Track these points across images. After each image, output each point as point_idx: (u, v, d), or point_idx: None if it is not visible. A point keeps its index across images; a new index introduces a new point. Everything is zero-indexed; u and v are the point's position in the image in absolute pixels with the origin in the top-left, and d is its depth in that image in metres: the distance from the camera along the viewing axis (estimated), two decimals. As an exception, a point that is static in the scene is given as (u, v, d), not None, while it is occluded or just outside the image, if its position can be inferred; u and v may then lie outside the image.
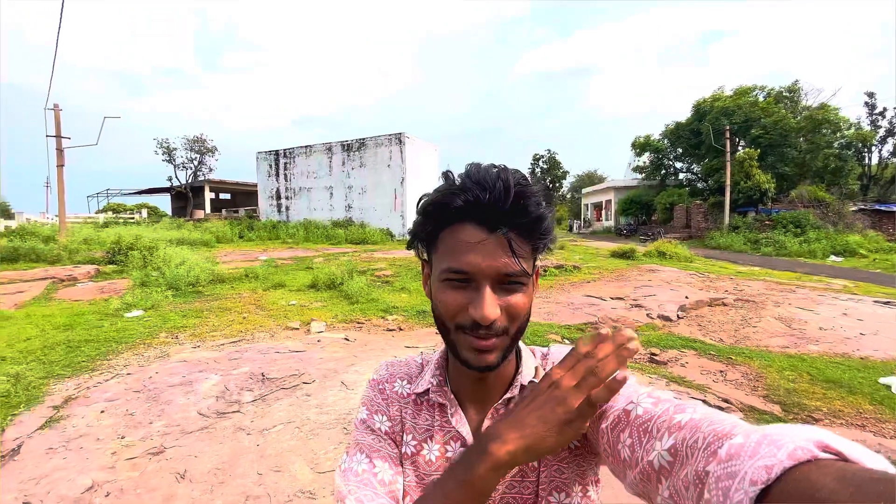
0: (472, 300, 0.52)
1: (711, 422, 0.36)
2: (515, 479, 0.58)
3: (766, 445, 0.29)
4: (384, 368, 0.69)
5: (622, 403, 0.48)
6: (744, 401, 3.55)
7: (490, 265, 0.51)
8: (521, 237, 0.52)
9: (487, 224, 0.51)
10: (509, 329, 0.54)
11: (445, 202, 0.53)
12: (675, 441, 0.38)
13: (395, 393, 0.66)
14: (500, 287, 0.52)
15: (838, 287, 9.43)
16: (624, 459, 0.44)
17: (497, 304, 0.52)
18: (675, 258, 13.39)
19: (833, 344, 5.11)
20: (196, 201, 32.27)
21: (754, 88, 24.67)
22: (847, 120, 22.98)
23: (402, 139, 18.40)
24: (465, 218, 0.53)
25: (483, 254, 0.51)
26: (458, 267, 0.52)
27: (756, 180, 20.42)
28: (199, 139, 31.01)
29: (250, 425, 3.03)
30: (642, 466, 0.40)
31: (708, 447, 0.33)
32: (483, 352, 0.53)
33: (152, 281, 7.92)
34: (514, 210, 0.51)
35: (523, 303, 0.54)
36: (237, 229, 18.72)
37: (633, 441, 0.43)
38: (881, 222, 21.16)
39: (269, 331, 5.42)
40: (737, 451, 0.30)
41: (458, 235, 0.53)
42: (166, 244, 11.04)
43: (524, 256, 0.53)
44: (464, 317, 0.53)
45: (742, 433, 0.32)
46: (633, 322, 6.05)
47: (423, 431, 0.62)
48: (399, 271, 9.67)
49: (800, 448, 0.27)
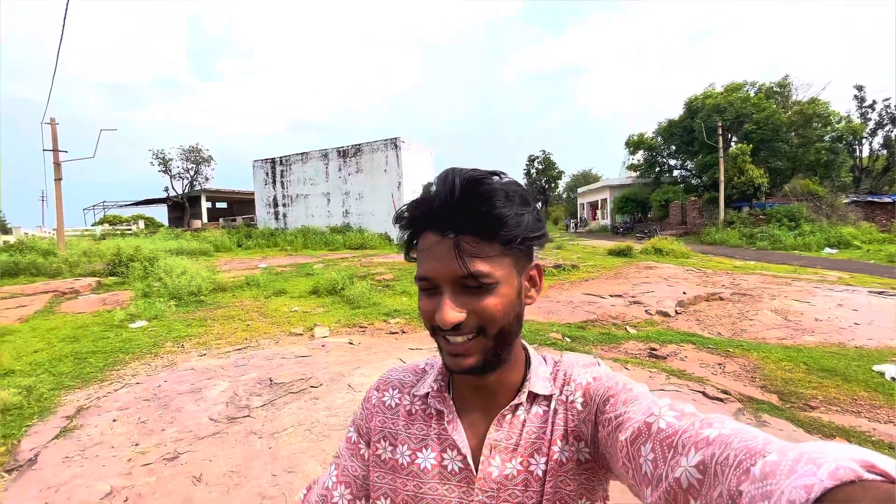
0: (436, 305, 0.52)
1: (742, 438, 0.35)
2: (518, 487, 0.56)
3: (805, 464, 0.27)
4: (375, 385, 0.69)
5: (642, 416, 0.45)
6: (742, 391, 3.63)
7: (445, 270, 0.51)
8: (480, 237, 0.50)
9: (439, 228, 0.52)
10: (486, 330, 0.52)
11: (408, 216, 0.55)
12: (703, 457, 0.36)
13: (381, 403, 0.66)
14: (464, 290, 0.52)
15: (833, 279, 9.55)
16: (645, 474, 0.41)
17: (457, 309, 0.51)
18: (671, 255, 13.51)
19: (828, 334, 5.22)
20: (192, 211, 32.28)
21: (745, 84, 24.92)
22: (837, 113, 23.24)
23: (397, 144, 18.51)
24: (426, 226, 0.53)
25: (438, 259, 0.51)
26: (422, 274, 0.53)
27: (749, 175, 20.62)
28: (194, 149, 31.05)
29: (261, 429, 3.09)
30: (668, 484, 0.38)
31: (739, 465, 0.32)
32: (457, 355, 0.53)
33: (154, 291, 7.97)
34: (465, 211, 0.50)
35: (494, 304, 0.52)
36: (235, 238, 18.75)
37: (657, 456, 0.41)
38: (874, 213, 21.38)
39: (273, 337, 5.48)
40: (772, 470, 0.29)
41: (422, 244, 0.54)
42: (166, 255, 11.08)
43: (485, 257, 0.51)
44: (436, 321, 0.53)
45: (777, 450, 0.30)
46: (633, 318, 6.14)
47: (419, 441, 0.61)
48: (399, 275, 9.75)
49: (842, 467, 0.25)
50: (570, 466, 0.55)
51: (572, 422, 0.56)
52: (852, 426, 3.02)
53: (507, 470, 0.56)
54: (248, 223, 24.19)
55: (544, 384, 0.60)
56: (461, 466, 0.58)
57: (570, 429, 0.56)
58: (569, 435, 0.56)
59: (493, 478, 0.56)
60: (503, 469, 0.56)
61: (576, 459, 0.55)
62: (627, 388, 0.53)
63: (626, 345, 4.99)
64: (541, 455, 0.56)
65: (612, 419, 0.50)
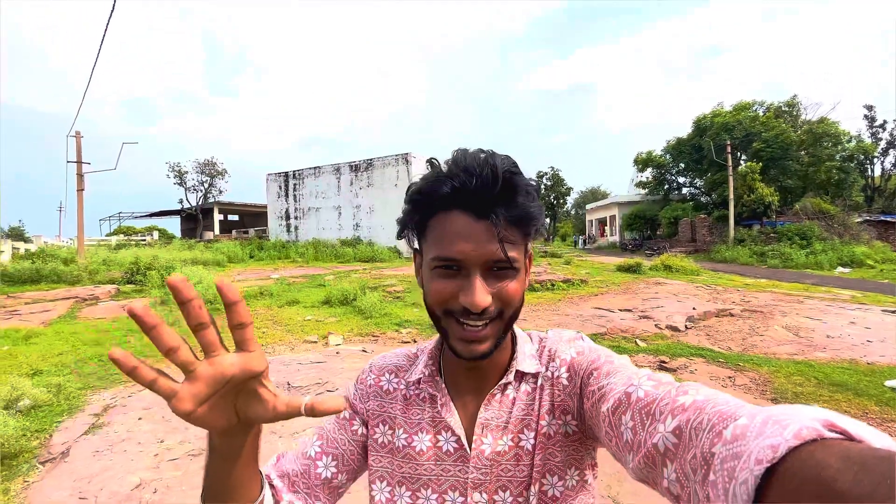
0: (462, 288, 0.52)
1: (715, 403, 0.36)
2: (510, 462, 0.58)
3: (772, 425, 0.28)
4: (369, 367, 0.70)
5: (622, 386, 0.47)
6: (752, 403, 3.66)
7: (479, 252, 0.51)
8: (510, 224, 0.51)
9: (475, 211, 0.51)
10: (504, 313, 0.54)
11: (432, 190, 0.53)
12: (678, 423, 0.37)
13: (379, 387, 0.66)
14: (491, 274, 0.52)
15: (846, 297, 9.49)
16: (627, 441, 0.43)
17: (488, 292, 0.51)
18: (681, 271, 13.48)
19: (840, 350, 5.21)
20: (205, 223, 32.89)
21: (753, 104, 25.11)
22: (847, 133, 23.27)
23: (408, 159, 18.87)
24: (452, 205, 0.52)
25: (472, 241, 0.51)
26: (448, 255, 0.52)
27: (759, 193, 20.60)
28: (209, 162, 31.84)
29: (281, 429, 3.20)
30: (647, 449, 0.40)
31: (713, 428, 0.33)
32: (472, 342, 0.53)
33: (170, 299, 8.16)
34: (503, 197, 0.51)
35: (515, 289, 0.53)
36: (248, 249, 19.07)
37: (636, 423, 0.42)
38: (887, 233, 21.16)
39: (288, 344, 5.61)
40: (742, 432, 0.30)
41: (447, 223, 0.52)
42: (182, 264, 11.35)
43: (514, 243, 0.52)
44: (454, 304, 0.52)
45: (747, 414, 0.32)
46: (643, 332, 6.18)
47: (414, 425, 0.62)
48: (409, 287, 9.87)
49: (805, 427, 0.26)
50: (557, 439, 0.58)
51: (558, 396, 0.59)
52: (863, 438, 3.04)
53: (498, 447, 0.58)
54: (259, 235, 24.61)
55: (531, 362, 0.61)
56: (455, 447, 0.59)
57: (556, 403, 0.58)
58: (555, 409, 0.58)
59: (486, 455, 0.58)
60: (495, 446, 0.58)
61: (563, 432, 0.58)
62: (609, 360, 0.55)
63: (635, 357, 5.03)
64: (530, 430, 0.58)
65: (595, 391, 0.52)
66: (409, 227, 0.58)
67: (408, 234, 0.59)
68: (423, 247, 0.57)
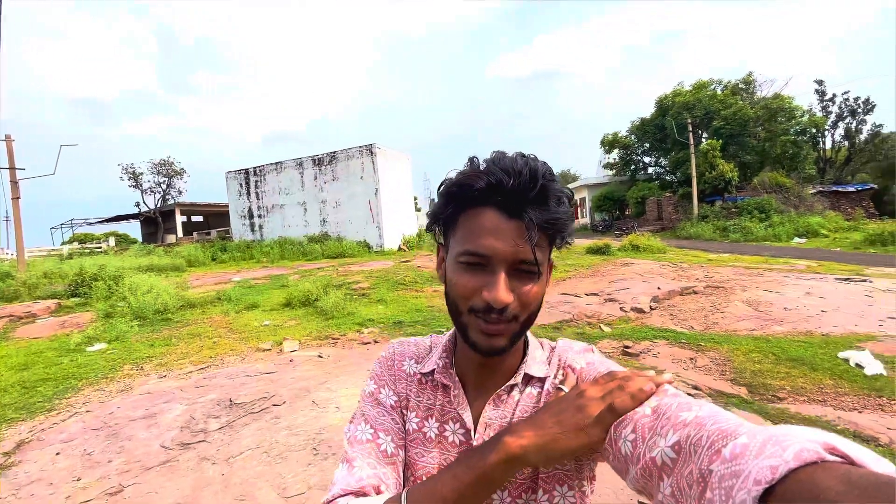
0: (486, 283, 0.52)
1: (716, 420, 0.36)
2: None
3: (772, 446, 0.28)
4: (394, 346, 0.70)
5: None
6: (712, 386, 3.62)
7: (508, 250, 0.52)
8: (541, 228, 0.52)
9: (509, 210, 0.52)
10: (519, 316, 0.54)
11: (468, 184, 0.53)
12: (679, 438, 0.37)
13: (402, 371, 0.67)
14: (515, 274, 0.53)
15: (802, 267, 9.79)
16: (626, 455, 0.43)
17: (510, 290, 0.52)
18: (648, 250, 13.68)
19: (796, 323, 5.29)
20: (167, 225, 31.43)
21: (711, 83, 25.60)
22: (800, 108, 24.03)
23: (372, 150, 18.34)
24: (486, 202, 0.53)
25: (502, 239, 0.52)
26: (476, 250, 0.53)
27: (720, 170, 21.12)
28: (165, 162, 30.29)
29: (216, 454, 2.92)
30: (644, 462, 0.40)
31: (712, 446, 0.33)
32: (492, 335, 0.54)
33: (118, 311, 7.63)
34: (538, 200, 0.52)
35: (535, 292, 0.54)
36: (210, 251, 18.25)
37: (637, 437, 0.43)
38: (839, 203, 22.17)
39: (239, 354, 5.27)
40: (741, 451, 0.30)
41: (479, 218, 0.53)
42: (133, 272, 10.68)
43: (541, 246, 0.53)
44: (477, 299, 0.53)
45: (747, 433, 0.32)
46: (608, 316, 6.13)
47: (426, 409, 0.64)
48: (376, 283, 9.59)
49: (806, 449, 0.27)
50: None
51: None
52: (818, 416, 3.02)
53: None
54: (223, 236, 23.65)
55: (540, 367, 0.62)
56: (462, 440, 0.60)
57: None
58: None
59: None
60: None
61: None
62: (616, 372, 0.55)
63: (599, 344, 4.95)
64: None
65: None
66: (438, 218, 0.59)
67: (435, 228, 0.61)
68: (451, 240, 0.58)
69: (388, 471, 0.59)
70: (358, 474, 0.57)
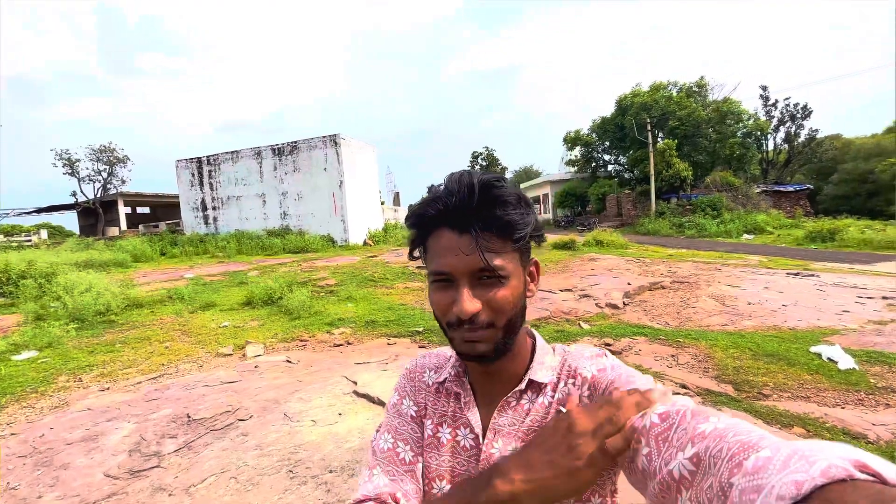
0: (453, 298, 0.55)
1: (737, 432, 0.35)
2: None
3: (798, 460, 0.27)
4: (418, 359, 0.74)
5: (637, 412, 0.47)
6: (699, 384, 3.60)
7: (463, 264, 0.54)
8: (494, 234, 0.54)
9: (458, 225, 0.54)
10: (496, 322, 0.55)
11: (422, 213, 0.57)
12: (697, 450, 0.36)
13: (423, 382, 0.70)
14: (479, 283, 0.55)
15: (755, 262, 10.30)
16: (643, 469, 0.43)
17: (475, 300, 0.54)
18: (611, 246, 14.02)
19: (763, 317, 5.46)
20: (108, 217, 29.02)
21: (668, 84, 26.63)
22: (747, 111, 25.50)
23: (336, 141, 17.65)
24: (441, 224, 0.56)
25: (457, 254, 0.54)
26: (439, 268, 0.56)
27: (676, 169, 22.04)
28: (106, 148, 27.84)
29: (173, 483, 2.54)
30: (662, 476, 0.39)
31: (732, 458, 0.32)
32: (472, 342, 0.55)
33: (51, 314, 6.81)
34: (481, 209, 0.53)
35: (504, 296, 0.55)
36: (158, 246, 16.94)
37: (651, 450, 0.42)
38: (780, 202, 23.77)
39: (196, 360, 4.79)
40: (764, 465, 0.29)
41: (438, 240, 0.56)
42: (68, 269, 9.65)
43: (498, 251, 0.54)
44: (451, 314, 0.55)
45: (770, 446, 0.31)
46: (585, 312, 6.11)
47: (440, 416, 0.66)
48: (343, 279, 9.17)
49: (834, 466, 0.25)
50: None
51: None
52: (805, 413, 3.04)
53: (507, 453, 0.58)
54: (172, 229, 22.05)
55: (546, 373, 0.62)
56: (472, 444, 0.62)
57: None
58: None
59: (494, 459, 0.58)
60: (504, 452, 0.58)
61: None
62: (630, 380, 0.55)
63: (580, 341, 4.88)
64: None
65: None
66: (416, 247, 0.62)
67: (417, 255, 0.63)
68: (428, 264, 0.60)
69: (407, 478, 0.63)
70: (376, 481, 0.62)
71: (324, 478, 2.47)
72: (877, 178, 29.09)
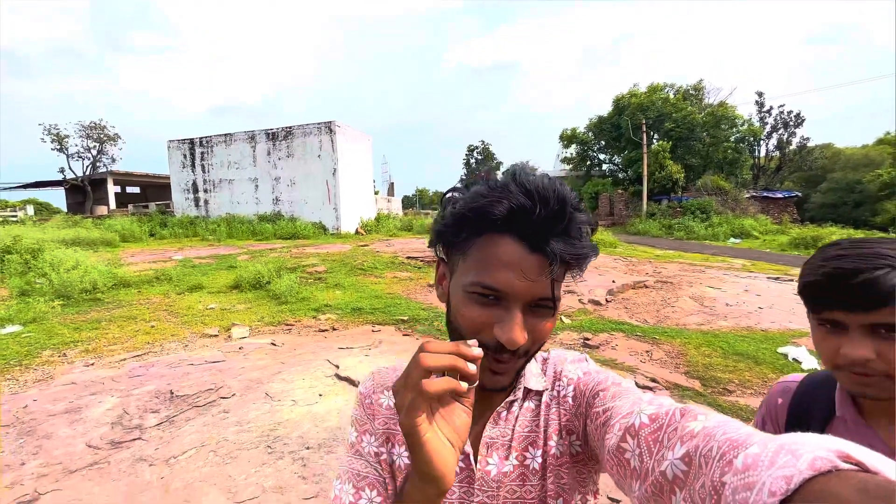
0: (500, 320, 0.48)
1: (725, 430, 0.35)
2: (515, 483, 0.56)
3: (784, 455, 0.28)
4: (369, 380, 0.65)
5: (626, 410, 0.46)
6: (668, 379, 3.75)
7: (527, 288, 0.47)
8: (564, 261, 0.47)
9: (531, 241, 0.47)
10: (530, 350, 0.51)
11: (487, 210, 0.47)
12: (687, 449, 0.37)
13: (379, 405, 0.62)
14: (531, 310, 0.49)
15: (738, 266, 10.53)
16: (633, 468, 0.42)
17: (525, 330, 0.48)
18: (601, 244, 14.18)
19: (739, 319, 5.64)
20: (97, 196, 28.61)
21: (665, 86, 26.78)
22: (741, 117, 25.77)
23: (332, 128, 17.55)
24: (506, 228, 0.47)
25: (521, 274, 0.47)
26: (491, 284, 0.47)
27: (668, 171, 22.27)
28: (96, 125, 27.43)
29: (154, 454, 2.62)
30: (654, 477, 0.39)
31: (723, 457, 0.33)
32: (498, 374, 0.51)
33: (36, 289, 6.80)
34: (564, 232, 0.47)
35: (550, 327, 0.51)
36: (147, 226, 16.80)
37: (643, 450, 0.41)
38: (768, 207, 24.13)
39: (181, 340, 4.84)
40: (754, 462, 0.29)
41: (495, 248, 0.48)
42: (56, 245, 9.58)
43: (561, 281, 0.49)
44: (487, 335, 0.49)
45: (758, 442, 0.31)
46: (567, 308, 6.24)
47: None
48: (333, 267, 9.22)
49: (819, 458, 0.26)
50: (564, 460, 0.56)
51: (565, 416, 0.57)
52: (765, 408, 3.20)
53: (504, 467, 0.56)
54: (163, 210, 21.85)
55: (537, 380, 0.60)
56: (462, 466, 0.56)
57: (563, 423, 0.57)
58: (562, 429, 0.57)
59: (491, 476, 0.55)
60: (501, 466, 0.56)
61: (569, 453, 0.56)
62: (616, 382, 0.54)
63: (561, 335, 5.02)
64: (535, 448, 0.56)
65: (600, 412, 0.50)
66: (447, 241, 0.53)
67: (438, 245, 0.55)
68: (459, 263, 0.52)
69: None
70: None
71: (301, 454, 2.56)
72: (864, 188, 29.63)
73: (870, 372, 0.63)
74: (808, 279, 0.67)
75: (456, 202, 0.51)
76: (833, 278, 0.64)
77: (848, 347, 0.64)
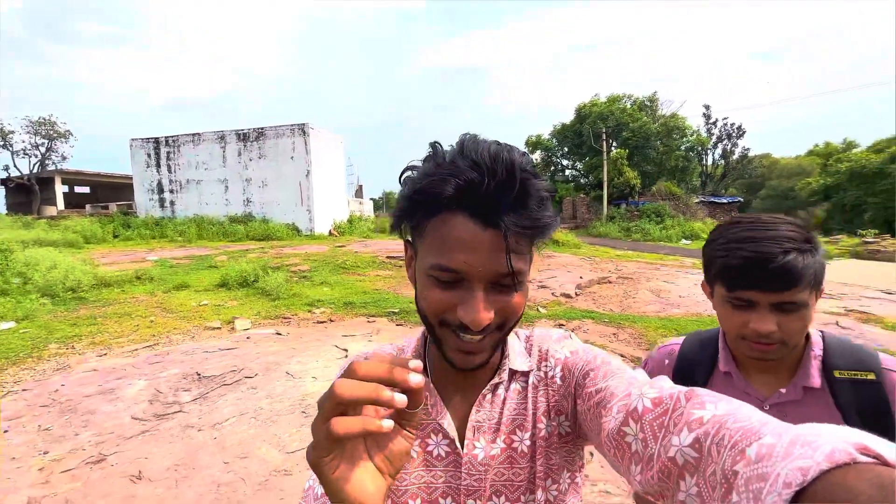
0: (462, 300, 0.46)
1: (737, 419, 0.34)
2: (504, 465, 0.55)
3: (801, 446, 0.27)
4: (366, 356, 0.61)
5: (624, 392, 0.45)
6: (633, 354, 4.42)
7: (484, 266, 0.45)
8: (521, 233, 0.45)
9: (484, 217, 0.44)
10: (504, 326, 0.49)
11: (434, 191, 0.45)
12: (697, 436, 0.35)
13: None
14: (494, 287, 0.47)
15: (689, 264, 11.63)
16: (635, 452, 0.41)
17: (490, 308, 0.46)
18: (567, 245, 15.12)
19: (689, 307, 6.47)
20: (44, 196, 26.94)
21: (623, 97, 28.51)
22: (691, 127, 27.89)
23: (305, 130, 17.62)
24: (456, 206, 0.45)
25: (477, 252, 0.44)
26: (447, 265, 0.45)
27: (626, 177, 23.79)
28: (46, 121, 25.85)
29: (199, 422, 2.97)
30: (661, 463, 0.37)
31: (735, 446, 0.32)
32: (470, 353, 0.49)
33: (15, 289, 6.71)
34: (516, 203, 0.44)
35: (518, 302, 0.48)
36: (110, 227, 16.24)
37: (647, 435, 0.40)
38: (715, 212, 26.17)
39: (187, 333, 5.07)
40: (768, 452, 0.29)
41: (448, 228, 0.45)
42: (23, 246, 9.29)
43: (522, 254, 0.46)
44: (451, 316, 0.47)
45: (772, 432, 0.30)
46: (542, 300, 6.89)
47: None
48: (316, 266, 9.48)
49: (838, 450, 0.25)
50: (553, 441, 0.55)
51: (553, 397, 0.56)
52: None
53: (492, 450, 0.54)
54: (124, 211, 21.02)
55: (522, 360, 0.59)
56: (448, 451, 0.55)
57: (551, 404, 0.56)
58: (550, 410, 0.56)
59: (479, 460, 0.54)
60: (488, 450, 0.54)
61: (557, 433, 0.56)
62: (606, 361, 0.53)
63: (537, 323, 5.63)
64: (523, 431, 0.55)
65: (592, 393, 0.49)
66: (403, 223, 0.52)
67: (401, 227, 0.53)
68: (419, 247, 0.50)
69: None
70: None
71: (333, 416, 2.99)
72: (797, 195, 32.61)
73: (771, 342, 0.70)
74: (725, 261, 0.71)
75: (407, 186, 0.49)
76: (751, 262, 0.68)
77: (757, 322, 0.69)
